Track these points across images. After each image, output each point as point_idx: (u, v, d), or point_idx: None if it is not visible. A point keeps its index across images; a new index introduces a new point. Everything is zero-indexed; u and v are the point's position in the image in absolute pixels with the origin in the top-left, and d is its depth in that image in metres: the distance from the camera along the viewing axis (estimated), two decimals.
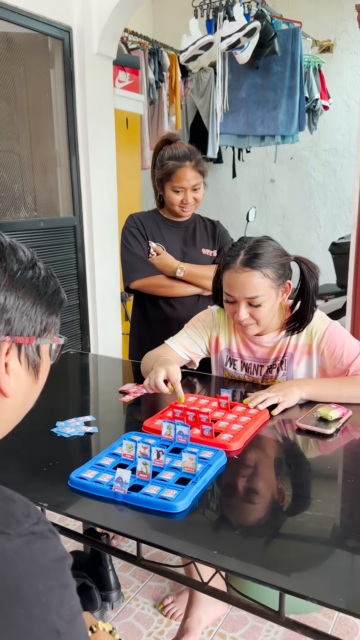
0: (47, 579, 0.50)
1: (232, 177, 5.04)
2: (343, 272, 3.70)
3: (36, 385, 0.67)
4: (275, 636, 1.75)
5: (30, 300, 0.62)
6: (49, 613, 0.49)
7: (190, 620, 1.68)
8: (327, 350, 1.55)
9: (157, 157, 2.03)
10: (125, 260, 2.09)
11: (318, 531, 0.98)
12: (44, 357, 0.66)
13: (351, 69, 4.71)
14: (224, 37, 3.21)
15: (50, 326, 0.66)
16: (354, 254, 2.72)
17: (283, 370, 1.63)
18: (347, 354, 1.52)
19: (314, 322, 1.57)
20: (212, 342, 1.73)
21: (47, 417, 1.44)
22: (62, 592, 0.51)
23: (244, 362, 1.69)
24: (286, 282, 1.53)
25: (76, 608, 0.52)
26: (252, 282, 1.45)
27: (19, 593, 0.48)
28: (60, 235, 3.14)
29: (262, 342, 1.63)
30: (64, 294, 0.69)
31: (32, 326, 0.62)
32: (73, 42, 3.02)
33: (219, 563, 0.89)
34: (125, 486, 1.06)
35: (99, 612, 1.79)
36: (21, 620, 0.47)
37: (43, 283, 0.64)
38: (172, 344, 1.71)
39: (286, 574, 0.87)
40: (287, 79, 3.81)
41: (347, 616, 1.79)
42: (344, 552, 0.92)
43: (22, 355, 0.62)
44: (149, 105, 4.11)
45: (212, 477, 1.14)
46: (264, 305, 1.48)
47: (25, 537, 0.52)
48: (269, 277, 1.46)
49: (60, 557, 0.53)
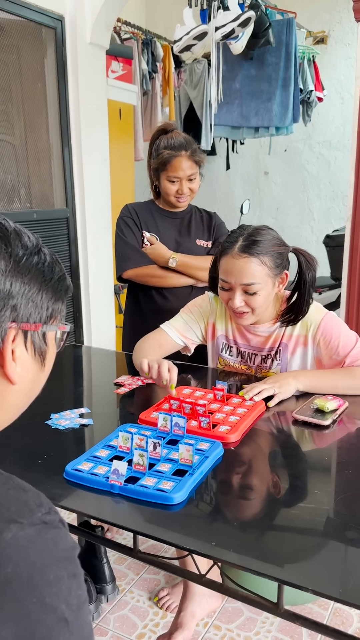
0: (58, 568, 0.50)
1: (225, 169, 5.01)
2: (337, 265, 3.70)
3: (42, 373, 0.66)
4: (270, 627, 1.75)
5: (36, 286, 0.61)
6: (59, 602, 0.49)
7: (184, 615, 1.68)
8: (323, 341, 1.54)
9: (153, 146, 2.01)
10: (119, 249, 2.08)
11: (316, 522, 0.97)
12: (50, 344, 0.65)
13: (345, 61, 4.69)
14: (218, 27, 3.17)
15: (56, 313, 0.65)
16: (348, 246, 2.72)
17: (278, 361, 1.62)
18: (343, 345, 1.51)
19: (309, 312, 1.56)
20: (209, 329, 1.72)
21: (41, 410, 1.43)
22: (70, 582, 0.51)
23: (239, 350, 1.69)
24: (283, 273, 1.53)
25: (83, 597, 0.52)
26: (249, 269, 1.44)
27: (31, 582, 0.48)
28: (54, 227, 3.11)
29: (257, 332, 1.62)
30: (70, 280, 0.67)
31: (38, 312, 0.61)
32: (65, 32, 2.98)
33: (217, 555, 0.89)
34: (121, 478, 1.05)
35: (94, 605, 1.78)
36: (33, 609, 0.47)
37: (49, 269, 0.63)
38: (167, 328, 1.70)
39: (284, 565, 0.86)
40: (281, 70, 3.79)
41: (342, 607, 1.80)
42: (342, 543, 0.92)
43: (28, 342, 0.61)
44: (142, 96, 4.08)
45: (209, 469, 1.13)
46: (260, 294, 1.47)
47: (37, 526, 0.52)
48: (266, 265, 1.45)
49: (70, 547, 0.53)
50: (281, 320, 1.57)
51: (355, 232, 2.68)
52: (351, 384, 1.48)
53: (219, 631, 1.74)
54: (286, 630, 1.73)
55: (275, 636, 1.72)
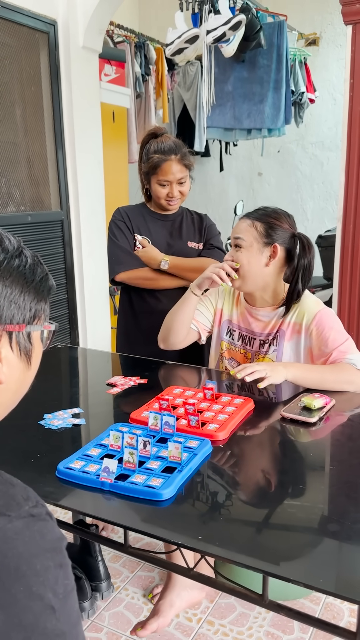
0: (44, 559, 0.53)
1: (219, 171, 5.05)
2: (329, 265, 3.73)
3: (29, 371, 0.68)
4: (262, 622, 1.78)
5: (18, 288, 0.63)
6: (46, 591, 0.52)
7: (163, 603, 1.74)
8: (316, 331, 1.60)
9: (144, 150, 2.04)
10: (111, 252, 2.11)
11: (301, 516, 1.00)
12: (36, 344, 0.68)
13: (337, 62, 4.72)
14: (209, 30, 3.21)
15: (40, 312, 0.67)
16: (339, 246, 2.75)
17: (274, 347, 1.68)
18: (333, 339, 1.56)
19: (308, 303, 1.65)
20: (217, 314, 1.84)
21: (35, 410, 1.45)
22: (57, 572, 0.53)
23: (241, 334, 1.77)
24: (273, 245, 1.63)
25: (70, 586, 0.55)
26: (240, 226, 1.66)
27: (18, 572, 0.51)
28: (48, 230, 3.13)
29: (259, 316, 1.72)
30: (53, 280, 0.70)
31: (21, 314, 0.64)
32: (58, 36, 3.00)
33: (203, 548, 0.92)
34: (112, 475, 1.08)
35: (89, 602, 1.81)
36: (21, 597, 0.50)
37: (30, 271, 0.65)
38: None
39: (269, 558, 0.89)
40: (273, 72, 3.82)
41: (334, 602, 1.83)
42: (326, 536, 0.95)
43: (13, 342, 0.64)
44: (135, 99, 4.11)
45: (198, 466, 1.16)
46: (243, 252, 1.63)
47: (25, 519, 0.54)
48: (256, 229, 1.63)
49: (56, 539, 0.56)
50: (283, 304, 1.67)
51: (346, 232, 2.71)
52: (339, 378, 1.51)
53: (212, 626, 1.77)
54: (278, 625, 1.76)
55: (267, 631, 1.75)
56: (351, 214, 2.68)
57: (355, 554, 0.90)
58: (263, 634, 1.74)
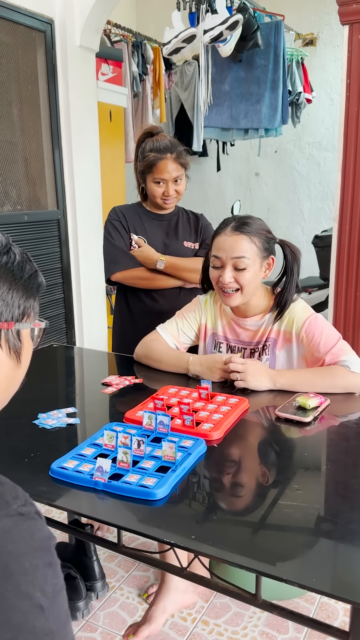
0: (33, 557, 0.53)
1: (216, 171, 5.04)
2: (326, 265, 3.73)
3: (19, 369, 0.68)
4: (257, 622, 1.78)
5: (6, 285, 0.63)
6: (34, 590, 0.51)
7: (155, 609, 1.73)
8: (306, 338, 1.60)
9: (139, 149, 2.04)
10: (107, 252, 2.10)
11: (295, 516, 1.00)
12: (26, 342, 0.67)
13: (334, 62, 4.73)
14: (206, 30, 3.21)
15: (29, 310, 0.67)
16: (335, 247, 2.75)
17: (267, 355, 1.67)
18: (325, 343, 1.56)
19: (297, 311, 1.63)
20: (202, 330, 1.80)
21: (29, 409, 1.45)
22: (46, 571, 0.53)
23: (229, 345, 1.75)
24: (270, 257, 1.62)
25: (59, 585, 0.54)
26: (240, 245, 1.55)
27: (6, 570, 0.50)
28: (44, 229, 3.13)
29: (246, 325, 1.69)
30: (42, 277, 0.69)
31: (9, 311, 0.63)
32: (55, 35, 3.00)
33: (197, 548, 0.91)
34: (105, 475, 1.08)
35: (84, 602, 1.81)
36: (9, 595, 0.50)
37: (18, 268, 0.65)
38: (162, 333, 1.78)
39: (263, 557, 0.89)
40: (270, 72, 3.83)
41: (328, 602, 1.83)
42: (320, 536, 0.95)
43: (2, 340, 0.63)
44: (132, 98, 4.11)
45: (192, 466, 1.16)
46: (248, 270, 1.56)
47: (13, 517, 0.54)
48: (256, 245, 1.57)
49: (45, 537, 0.55)
50: (271, 310, 1.65)
51: (342, 232, 2.71)
52: (329, 383, 1.51)
53: (207, 626, 1.77)
54: (273, 624, 1.76)
55: (262, 630, 1.75)
56: (347, 214, 2.68)
57: (349, 554, 0.90)
58: (258, 634, 1.74)
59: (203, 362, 1.62)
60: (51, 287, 3.22)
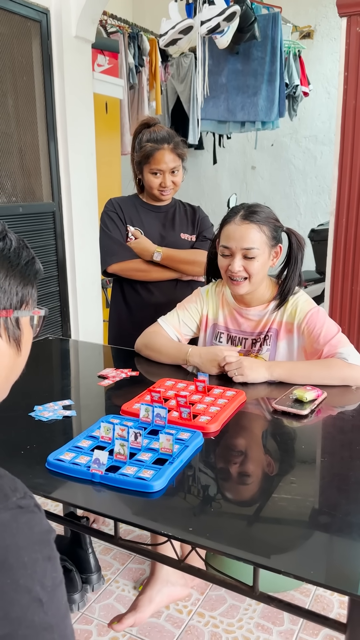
0: (32, 551, 0.52)
1: (213, 164, 5.03)
2: (322, 259, 3.74)
3: (19, 358, 0.67)
4: (253, 614, 1.78)
5: (3, 272, 0.62)
6: (33, 584, 0.51)
7: (142, 598, 1.74)
8: (307, 329, 1.60)
9: (136, 140, 2.02)
10: (103, 244, 2.09)
11: (292, 508, 1.00)
12: (25, 330, 0.66)
13: (331, 56, 4.71)
14: (203, 21, 3.19)
15: (27, 297, 0.66)
16: (332, 241, 2.75)
17: (267, 346, 1.67)
18: (324, 334, 1.56)
19: (300, 303, 1.64)
20: (203, 321, 1.80)
21: (25, 402, 1.44)
22: (45, 564, 0.53)
23: (229, 335, 1.75)
24: (277, 246, 1.62)
25: (58, 579, 0.54)
26: (250, 234, 1.55)
27: (5, 564, 0.50)
28: (40, 221, 3.11)
29: (249, 315, 1.69)
30: (40, 264, 0.68)
31: (7, 298, 0.62)
32: (51, 25, 2.97)
33: (194, 540, 0.91)
34: (102, 467, 1.07)
35: (80, 594, 1.81)
36: (7, 589, 0.49)
37: (15, 254, 0.64)
38: (164, 324, 1.77)
39: (260, 550, 0.89)
40: (267, 64, 3.81)
41: (323, 594, 1.84)
42: (316, 528, 0.95)
43: (1, 328, 0.63)
44: (128, 90, 4.08)
45: (189, 458, 1.15)
46: (257, 260, 1.57)
47: (12, 510, 0.53)
48: (265, 234, 1.57)
49: (45, 531, 0.55)
50: (274, 300, 1.66)
51: (339, 226, 2.71)
52: (325, 375, 1.51)
53: (202, 618, 1.77)
54: (268, 616, 1.77)
55: (257, 622, 1.75)
56: (344, 208, 2.68)
57: (347, 546, 0.90)
58: (253, 626, 1.74)
59: (203, 355, 1.62)
60: (46, 279, 3.20)
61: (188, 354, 1.64)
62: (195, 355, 1.63)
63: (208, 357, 1.60)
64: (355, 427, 1.35)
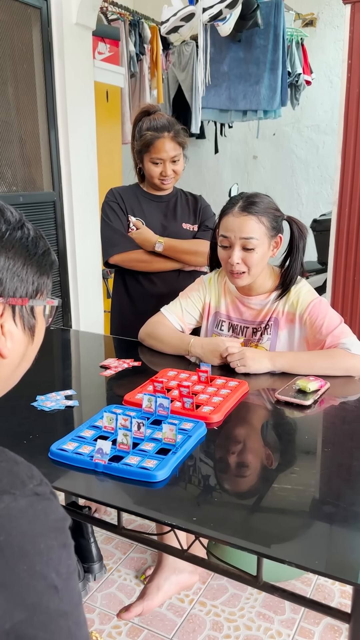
0: (48, 538, 0.52)
1: (214, 153, 4.99)
2: (324, 249, 3.72)
3: (32, 346, 0.67)
4: (254, 603, 1.79)
5: (21, 260, 0.62)
6: (49, 570, 0.51)
7: (150, 586, 1.75)
8: (309, 320, 1.59)
9: (136, 128, 2.00)
10: (105, 235, 2.08)
11: (296, 498, 1.00)
12: (39, 318, 0.67)
13: (334, 44, 4.66)
14: (205, 8, 3.14)
15: (42, 287, 0.66)
16: (334, 231, 2.73)
17: (268, 335, 1.66)
18: (327, 325, 1.56)
19: (302, 293, 1.63)
20: (205, 309, 1.79)
21: (27, 392, 1.44)
22: (60, 552, 0.53)
23: (231, 324, 1.74)
24: (277, 236, 1.61)
25: (72, 567, 0.54)
26: (248, 225, 1.54)
27: (22, 551, 0.50)
28: (40, 211, 3.09)
29: (251, 304, 1.69)
30: (54, 255, 0.68)
31: (24, 287, 0.62)
32: (51, 12, 2.93)
33: (197, 530, 0.91)
34: (105, 457, 1.07)
35: (82, 583, 1.81)
36: (24, 575, 0.49)
37: (32, 243, 0.64)
38: (167, 314, 1.77)
39: (264, 539, 0.89)
40: (269, 52, 3.77)
41: (324, 583, 1.84)
42: (321, 518, 0.94)
43: (17, 317, 0.63)
44: (129, 78, 4.04)
45: (192, 448, 1.15)
46: (257, 251, 1.55)
47: (29, 497, 0.53)
48: (264, 225, 1.55)
49: (60, 519, 0.55)
50: (276, 290, 1.65)
51: (342, 216, 2.69)
52: (328, 365, 1.51)
53: (204, 607, 1.78)
54: (269, 605, 1.78)
55: (259, 612, 1.76)
56: (347, 198, 2.66)
57: (351, 536, 0.90)
58: (255, 615, 1.75)
59: (205, 345, 1.61)
60: None
61: (190, 345, 1.64)
62: (197, 345, 1.62)
63: (210, 348, 1.59)
64: (358, 418, 1.35)
